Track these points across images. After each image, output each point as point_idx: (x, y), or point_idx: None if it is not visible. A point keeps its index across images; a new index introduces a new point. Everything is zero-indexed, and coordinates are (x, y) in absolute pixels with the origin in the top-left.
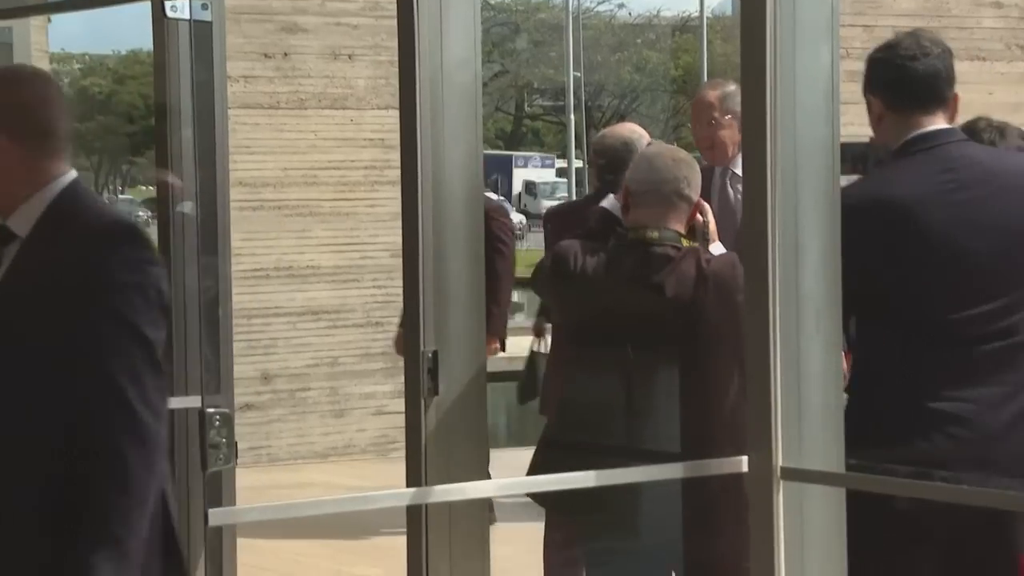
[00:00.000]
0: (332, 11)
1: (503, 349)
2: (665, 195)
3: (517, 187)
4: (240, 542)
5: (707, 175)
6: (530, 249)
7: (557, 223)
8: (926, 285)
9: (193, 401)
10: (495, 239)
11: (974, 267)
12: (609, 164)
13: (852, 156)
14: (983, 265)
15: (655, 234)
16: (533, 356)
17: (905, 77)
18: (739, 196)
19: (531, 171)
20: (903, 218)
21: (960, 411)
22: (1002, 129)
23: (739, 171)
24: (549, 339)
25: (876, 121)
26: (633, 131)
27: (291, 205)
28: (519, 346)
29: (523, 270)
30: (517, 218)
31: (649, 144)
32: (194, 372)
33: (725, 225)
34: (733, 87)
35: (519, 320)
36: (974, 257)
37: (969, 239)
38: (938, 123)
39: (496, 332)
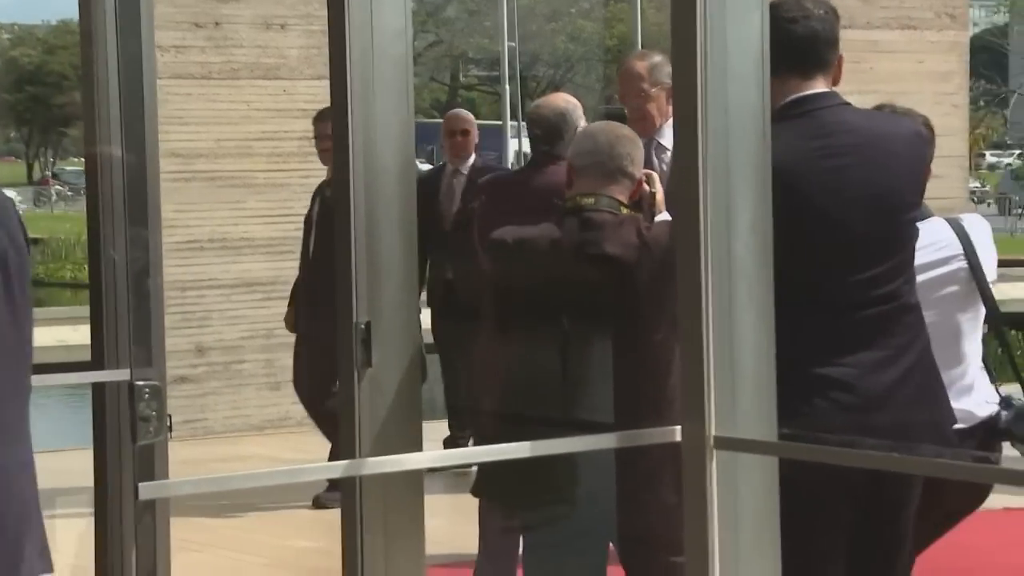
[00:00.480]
0: None
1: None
2: (609, 171)
3: (511, 157)
4: (173, 518)
5: None
6: None
7: (494, 195)
8: (803, 252)
9: (123, 374)
10: None
11: (850, 233)
12: (545, 134)
13: None
14: (860, 231)
15: (591, 200)
16: None
17: (783, 39)
18: (664, 167)
19: (525, 141)
20: (774, 184)
21: (843, 376)
22: (906, 115)
23: (664, 142)
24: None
25: None
26: (568, 101)
27: (224, 176)
28: None
29: None
30: None
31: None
32: (124, 345)
33: None
34: (660, 57)
35: None
36: (850, 223)
37: (844, 205)
38: (816, 87)
39: None
